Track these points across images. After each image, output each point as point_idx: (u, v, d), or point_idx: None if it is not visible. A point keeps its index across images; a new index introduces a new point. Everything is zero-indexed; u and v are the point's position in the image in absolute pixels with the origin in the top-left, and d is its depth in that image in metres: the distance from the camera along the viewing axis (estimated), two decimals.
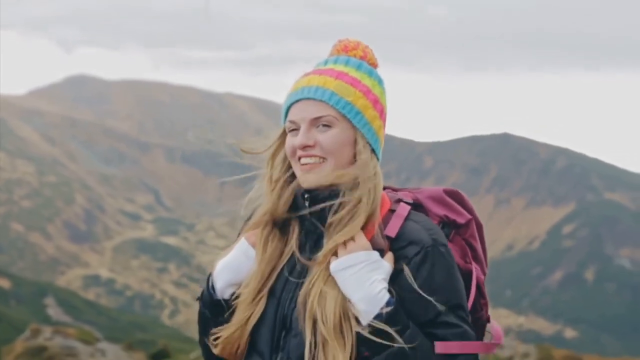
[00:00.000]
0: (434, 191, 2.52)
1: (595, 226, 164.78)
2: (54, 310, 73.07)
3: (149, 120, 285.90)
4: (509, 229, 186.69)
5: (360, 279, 2.30)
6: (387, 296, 2.28)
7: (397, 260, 2.35)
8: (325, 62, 2.51)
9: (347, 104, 2.40)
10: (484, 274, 2.53)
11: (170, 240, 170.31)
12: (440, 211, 2.48)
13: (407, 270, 2.31)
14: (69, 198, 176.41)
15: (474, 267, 2.47)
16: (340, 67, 2.47)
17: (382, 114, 2.47)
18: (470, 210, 2.52)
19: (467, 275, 2.45)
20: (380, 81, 2.50)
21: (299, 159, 2.42)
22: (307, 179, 2.41)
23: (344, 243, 2.35)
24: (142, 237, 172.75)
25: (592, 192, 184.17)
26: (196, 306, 2.69)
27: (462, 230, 2.48)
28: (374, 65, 2.52)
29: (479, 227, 2.53)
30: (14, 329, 40.72)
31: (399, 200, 2.49)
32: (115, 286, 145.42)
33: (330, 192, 2.41)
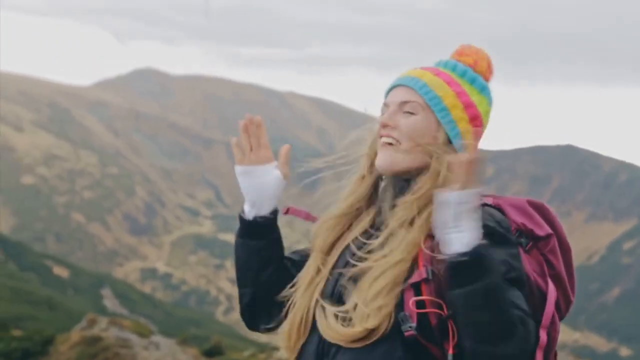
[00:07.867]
0: (516, 200, 2.44)
1: None
2: (110, 302, 73.88)
3: (212, 116, 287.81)
4: None
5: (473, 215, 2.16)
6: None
7: None
8: (437, 64, 2.53)
9: (435, 96, 2.40)
10: (566, 300, 2.40)
11: (228, 237, 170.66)
12: (518, 219, 2.38)
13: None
14: (130, 190, 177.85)
15: (551, 286, 2.33)
16: (446, 71, 2.49)
17: (474, 119, 2.43)
18: (554, 226, 2.41)
19: (539, 292, 2.32)
20: (488, 97, 2.49)
21: (381, 137, 2.43)
22: (381, 158, 2.40)
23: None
24: (200, 232, 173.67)
25: None
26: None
27: (541, 243, 2.37)
28: (484, 75, 2.50)
29: (564, 247, 2.41)
30: (70, 318, 41.18)
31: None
32: (172, 281, 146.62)
33: (404, 180, 2.41)
